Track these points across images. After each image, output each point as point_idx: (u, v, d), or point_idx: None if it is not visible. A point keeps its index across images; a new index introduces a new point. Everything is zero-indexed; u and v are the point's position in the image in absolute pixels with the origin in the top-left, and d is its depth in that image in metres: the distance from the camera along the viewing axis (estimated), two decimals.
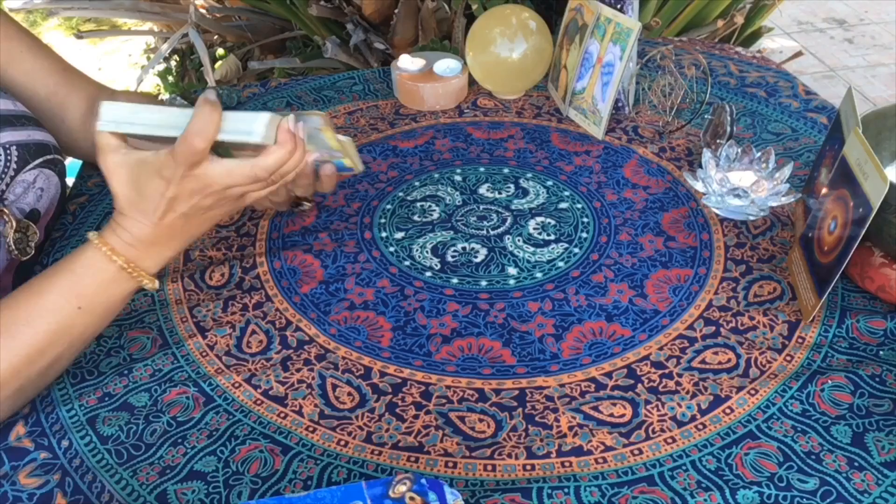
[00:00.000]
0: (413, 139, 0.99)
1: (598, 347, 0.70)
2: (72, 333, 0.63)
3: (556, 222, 0.85)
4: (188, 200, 0.61)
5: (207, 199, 0.62)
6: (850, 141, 0.69)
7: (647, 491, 0.58)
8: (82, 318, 0.63)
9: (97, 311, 0.64)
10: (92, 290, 0.63)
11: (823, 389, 0.65)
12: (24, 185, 0.75)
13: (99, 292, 0.63)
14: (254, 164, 0.61)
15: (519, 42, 1.02)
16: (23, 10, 2.89)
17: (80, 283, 0.62)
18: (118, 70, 2.82)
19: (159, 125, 0.61)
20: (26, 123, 0.77)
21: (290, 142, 0.61)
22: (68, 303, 0.62)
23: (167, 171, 0.60)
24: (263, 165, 0.61)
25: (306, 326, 0.73)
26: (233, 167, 0.61)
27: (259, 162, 0.61)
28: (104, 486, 0.59)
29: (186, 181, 0.60)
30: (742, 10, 1.78)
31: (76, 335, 0.64)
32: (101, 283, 0.63)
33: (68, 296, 0.62)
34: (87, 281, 0.62)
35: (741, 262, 0.78)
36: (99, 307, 0.64)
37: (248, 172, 0.61)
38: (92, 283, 0.63)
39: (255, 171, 0.61)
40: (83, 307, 0.62)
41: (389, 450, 0.61)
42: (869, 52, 2.91)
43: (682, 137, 0.98)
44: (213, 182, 0.61)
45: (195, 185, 0.60)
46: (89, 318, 0.63)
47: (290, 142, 0.61)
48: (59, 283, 0.62)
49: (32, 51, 0.81)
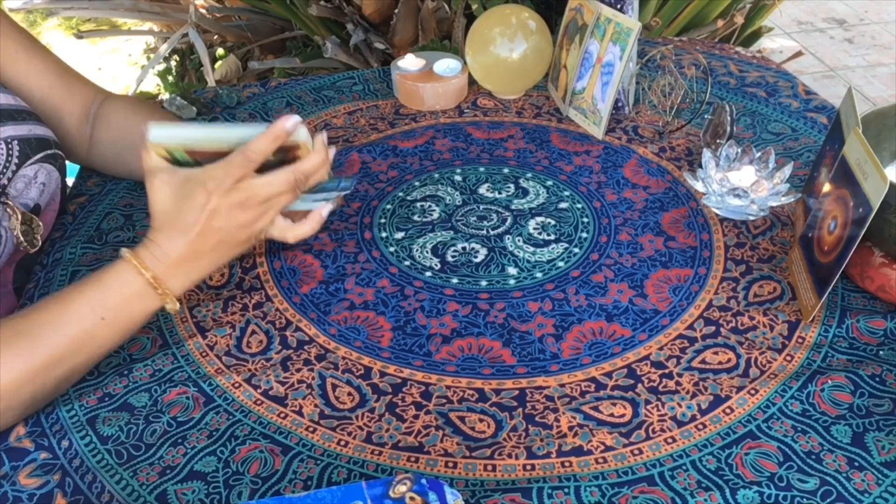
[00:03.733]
0: (413, 139, 0.99)
1: (598, 347, 0.70)
2: (91, 344, 0.64)
3: (556, 222, 0.85)
4: (227, 213, 0.65)
5: (248, 212, 0.66)
6: (850, 141, 0.69)
7: (648, 491, 0.58)
8: (103, 329, 0.64)
9: (118, 325, 0.65)
10: (117, 302, 0.64)
11: (823, 389, 0.65)
12: (25, 179, 0.75)
13: (123, 306, 0.64)
14: (293, 168, 0.66)
15: (519, 42, 1.02)
16: (23, 9, 2.89)
17: (107, 295, 0.64)
18: (118, 70, 2.82)
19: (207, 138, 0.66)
20: (27, 118, 0.77)
21: (324, 150, 0.69)
22: (93, 312, 0.63)
23: (212, 183, 0.64)
24: (302, 170, 0.67)
25: (306, 326, 0.73)
26: (273, 178, 0.66)
27: (298, 167, 0.67)
28: (104, 487, 0.59)
29: (231, 193, 0.64)
30: (742, 10, 1.78)
31: (94, 347, 0.64)
32: (126, 297, 0.64)
33: (94, 305, 0.63)
34: (113, 293, 0.64)
35: (741, 262, 0.78)
36: (121, 321, 0.65)
37: (288, 178, 0.66)
38: (118, 296, 0.64)
39: (295, 175, 0.66)
40: (106, 318, 0.63)
41: (389, 450, 0.61)
42: (869, 52, 2.91)
43: (682, 137, 0.98)
44: (256, 193, 0.65)
45: (238, 197, 0.64)
46: (110, 330, 0.64)
47: (324, 150, 0.69)
48: (86, 292, 0.64)
49: (28, 52, 0.81)
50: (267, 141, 0.64)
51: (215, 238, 0.65)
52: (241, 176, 0.64)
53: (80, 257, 0.80)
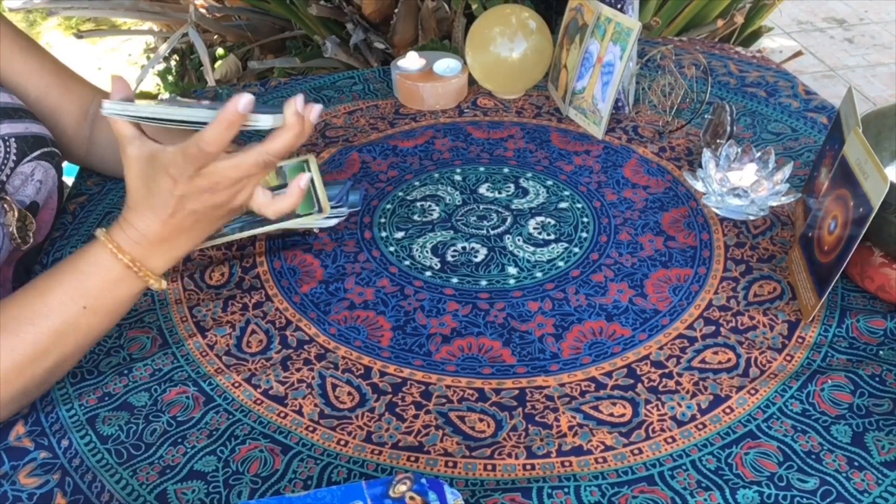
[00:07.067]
0: (413, 139, 0.99)
1: (598, 347, 0.70)
2: (77, 333, 0.62)
3: (556, 222, 0.85)
4: (198, 198, 0.60)
5: (218, 195, 0.60)
6: (850, 141, 0.69)
7: (647, 491, 0.58)
8: (88, 318, 0.62)
9: (103, 311, 0.63)
10: (97, 289, 0.61)
11: (823, 389, 0.65)
12: (22, 177, 0.75)
13: (104, 292, 0.62)
14: (261, 150, 0.59)
15: (519, 42, 1.02)
16: (22, 9, 2.89)
17: (86, 283, 0.61)
18: (118, 69, 2.81)
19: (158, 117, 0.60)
20: (24, 116, 0.77)
21: (298, 124, 0.59)
22: (73, 302, 0.61)
23: (174, 169, 0.58)
24: (272, 150, 0.59)
25: (306, 326, 0.73)
26: (240, 160, 0.59)
27: (267, 147, 0.59)
28: (104, 486, 0.59)
29: (196, 180, 0.59)
30: (742, 10, 1.78)
31: (82, 335, 0.63)
32: (106, 283, 0.62)
33: (73, 295, 0.61)
34: (92, 280, 0.61)
35: (741, 262, 0.78)
36: (104, 307, 0.62)
37: (257, 160, 0.59)
38: (97, 283, 0.61)
39: (264, 157, 0.59)
40: (88, 307, 0.61)
41: (389, 449, 0.61)
42: (869, 51, 2.91)
43: (682, 137, 0.98)
44: (223, 178, 0.59)
45: (205, 182, 0.59)
46: (95, 318, 0.62)
47: (298, 124, 0.59)
48: (64, 281, 0.61)
49: (25, 51, 0.81)
50: (220, 129, 0.56)
51: (190, 219, 0.61)
52: (201, 165, 0.58)
53: None
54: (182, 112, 0.60)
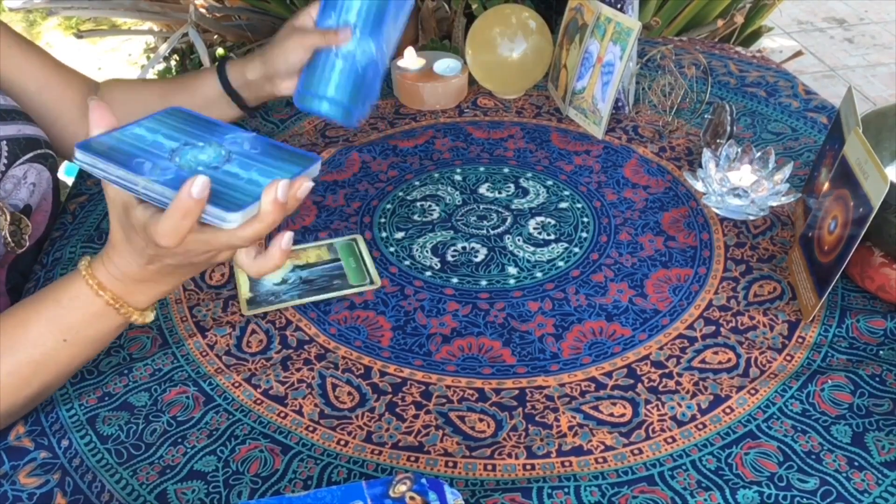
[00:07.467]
0: (413, 139, 0.99)
1: (598, 347, 0.70)
2: (58, 364, 0.61)
3: (556, 222, 0.85)
4: (173, 258, 0.56)
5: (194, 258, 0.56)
6: (851, 141, 0.69)
7: (647, 491, 0.58)
8: (68, 349, 0.60)
9: (84, 343, 0.61)
10: (79, 323, 0.60)
11: (823, 389, 0.65)
12: (14, 180, 0.75)
13: (85, 326, 0.60)
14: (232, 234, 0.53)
15: (519, 42, 1.02)
16: (22, 9, 2.89)
17: (66, 316, 0.59)
18: (118, 69, 2.81)
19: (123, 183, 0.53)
20: (16, 118, 0.77)
21: (272, 213, 0.53)
22: (52, 335, 0.59)
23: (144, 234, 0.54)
24: (243, 236, 0.54)
25: (306, 326, 0.73)
26: (209, 238, 0.54)
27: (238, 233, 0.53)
28: (104, 486, 0.59)
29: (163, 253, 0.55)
30: (742, 10, 1.78)
31: (63, 366, 0.61)
32: (87, 317, 0.60)
33: (52, 328, 0.59)
34: (73, 314, 0.59)
35: (741, 262, 0.78)
36: (85, 339, 0.61)
37: (228, 242, 0.54)
38: (78, 317, 0.59)
39: (233, 241, 0.54)
40: (69, 340, 0.60)
41: (389, 449, 0.61)
42: (869, 51, 2.91)
43: (682, 137, 0.98)
44: (194, 250, 0.55)
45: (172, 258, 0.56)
46: (76, 349, 0.61)
47: (272, 213, 0.53)
48: (44, 313, 0.60)
49: (21, 47, 0.81)
50: (175, 220, 0.51)
51: (170, 267, 0.58)
52: None
53: (80, 257, 0.80)
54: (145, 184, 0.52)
